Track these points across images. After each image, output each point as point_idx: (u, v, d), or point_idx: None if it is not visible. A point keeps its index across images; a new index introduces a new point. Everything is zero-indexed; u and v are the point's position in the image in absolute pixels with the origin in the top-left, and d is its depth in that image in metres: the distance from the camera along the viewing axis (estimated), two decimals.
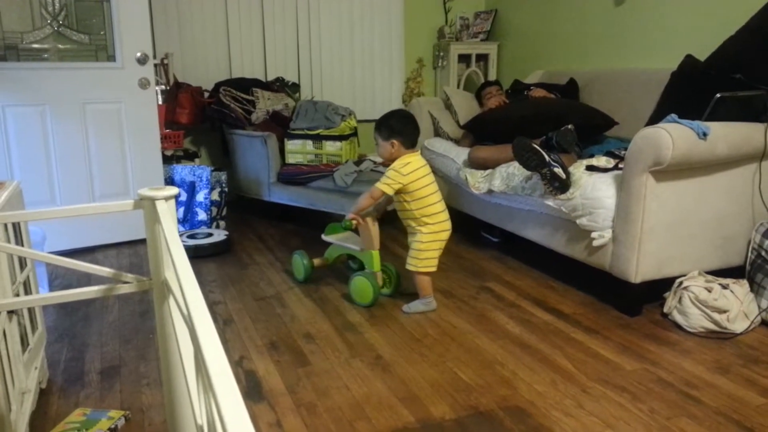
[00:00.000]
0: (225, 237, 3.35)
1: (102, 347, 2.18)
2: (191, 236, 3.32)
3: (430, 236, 2.48)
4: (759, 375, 1.92)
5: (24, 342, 1.71)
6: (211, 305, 2.52)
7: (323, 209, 3.57)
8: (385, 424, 1.68)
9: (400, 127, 2.49)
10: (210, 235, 3.37)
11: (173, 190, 1.11)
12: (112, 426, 1.65)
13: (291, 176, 3.63)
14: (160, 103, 3.76)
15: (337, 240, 2.75)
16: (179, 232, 3.25)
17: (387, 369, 1.99)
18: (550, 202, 2.64)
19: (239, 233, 3.66)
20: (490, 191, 3.08)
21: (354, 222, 2.55)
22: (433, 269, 2.50)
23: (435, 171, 3.79)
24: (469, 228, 3.56)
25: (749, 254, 2.44)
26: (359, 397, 1.82)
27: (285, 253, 3.26)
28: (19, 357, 1.62)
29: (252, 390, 1.85)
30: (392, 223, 3.67)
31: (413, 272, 2.50)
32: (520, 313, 2.43)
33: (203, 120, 3.99)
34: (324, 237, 2.80)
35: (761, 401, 1.77)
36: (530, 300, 2.58)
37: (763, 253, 2.34)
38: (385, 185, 2.45)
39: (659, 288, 2.40)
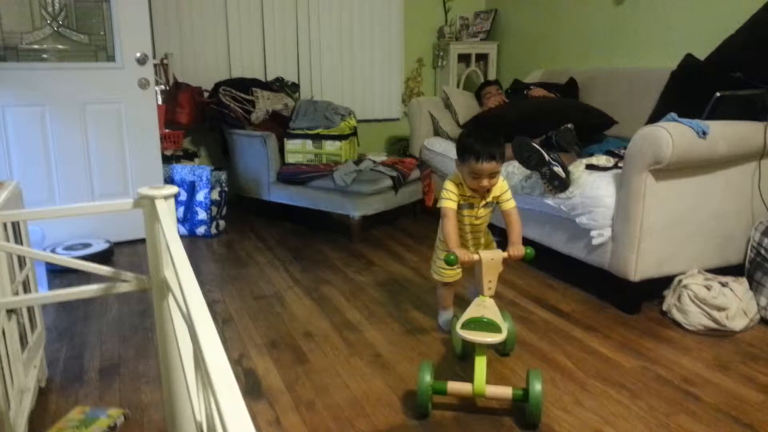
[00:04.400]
0: (106, 247, 3.16)
1: (101, 346, 2.18)
2: (68, 248, 3.11)
3: None
4: (758, 372, 1.92)
5: (23, 341, 1.71)
6: (210, 304, 2.52)
7: (323, 209, 3.57)
8: (384, 422, 1.68)
9: None
10: (88, 245, 3.17)
11: (173, 189, 1.11)
12: (112, 424, 1.65)
13: (290, 176, 3.63)
14: (160, 103, 3.76)
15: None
16: (53, 245, 3.11)
17: (386, 367, 1.99)
18: (549, 201, 2.64)
19: (239, 232, 3.67)
20: None
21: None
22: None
23: (435, 170, 3.80)
24: None
25: (748, 252, 2.44)
26: (358, 394, 1.82)
27: (284, 252, 3.27)
28: (18, 356, 1.62)
29: (251, 388, 1.85)
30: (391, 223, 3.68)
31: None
32: (519, 312, 2.43)
33: (203, 120, 3.99)
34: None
35: (760, 398, 1.77)
36: (530, 298, 2.58)
37: (763, 252, 2.35)
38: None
39: (658, 286, 2.40)
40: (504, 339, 1.65)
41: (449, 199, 1.98)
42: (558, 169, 2.57)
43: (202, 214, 3.55)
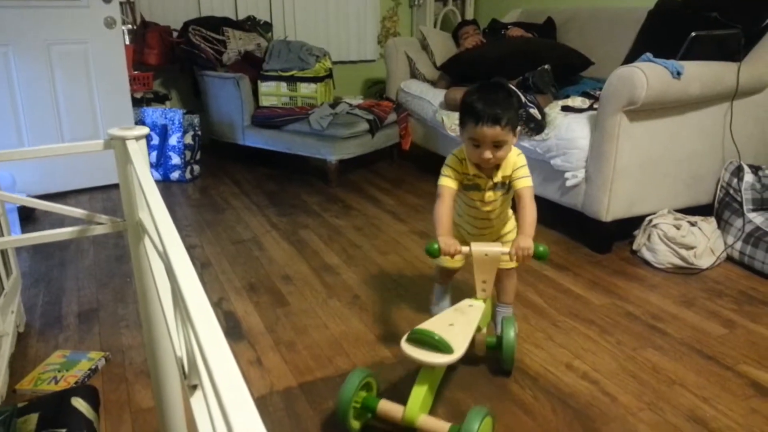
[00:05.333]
0: None
1: (79, 291, 2.18)
2: None
3: None
4: (722, 308, 2.00)
5: None
6: (188, 249, 2.52)
7: (299, 153, 3.54)
8: (363, 359, 1.73)
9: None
10: None
11: (144, 130, 1.09)
12: (93, 366, 1.67)
13: (265, 119, 3.57)
14: (127, 43, 3.63)
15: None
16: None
17: (365, 308, 2.03)
18: (525, 143, 2.65)
19: (214, 177, 3.63)
20: None
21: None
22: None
23: (411, 113, 3.77)
24: None
25: (718, 192, 2.50)
26: (337, 334, 1.86)
27: (261, 197, 3.25)
28: None
29: (232, 330, 1.88)
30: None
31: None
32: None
33: (172, 61, 3.88)
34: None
35: (723, 332, 1.85)
36: None
37: (731, 191, 2.40)
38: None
39: (629, 226, 2.45)
40: (454, 360, 1.32)
41: (446, 176, 1.62)
42: (534, 111, 2.58)
43: (175, 159, 3.49)
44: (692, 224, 2.31)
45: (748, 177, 2.36)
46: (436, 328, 1.38)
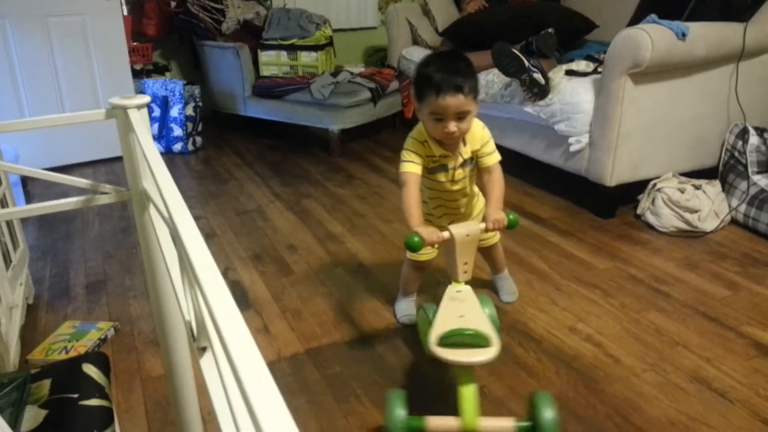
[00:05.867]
0: None
1: (86, 263, 2.19)
2: None
3: None
4: (726, 270, 2.01)
5: (6, 259, 1.71)
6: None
7: (301, 123, 3.52)
8: (369, 326, 1.75)
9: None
10: None
11: (145, 98, 1.08)
12: (102, 336, 1.69)
13: (266, 89, 3.54)
14: (125, 14, 3.59)
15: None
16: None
17: (369, 276, 2.04)
18: (528, 109, 2.63)
19: (216, 148, 3.62)
20: None
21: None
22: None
23: (413, 81, 3.73)
24: None
25: (722, 155, 2.49)
26: (343, 302, 1.88)
27: (264, 168, 3.24)
28: (3, 273, 1.63)
29: (238, 299, 1.90)
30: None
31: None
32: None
33: (171, 31, 3.84)
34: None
35: (726, 294, 1.86)
36: (508, 206, 2.59)
37: (736, 154, 2.39)
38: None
39: (633, 190, 2.45)
40: (497, 353, 1.22)
41: (409, 161, 1.50)
42: (538, 76, 2.55)
43: (177, 131, 3.48)
44: (696, 187, 2.30)
45: (753, 139, 2.34)
46: (456, 323, 1.28)
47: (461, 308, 1.35)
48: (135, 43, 3.64)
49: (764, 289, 1.89)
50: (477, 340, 1.24)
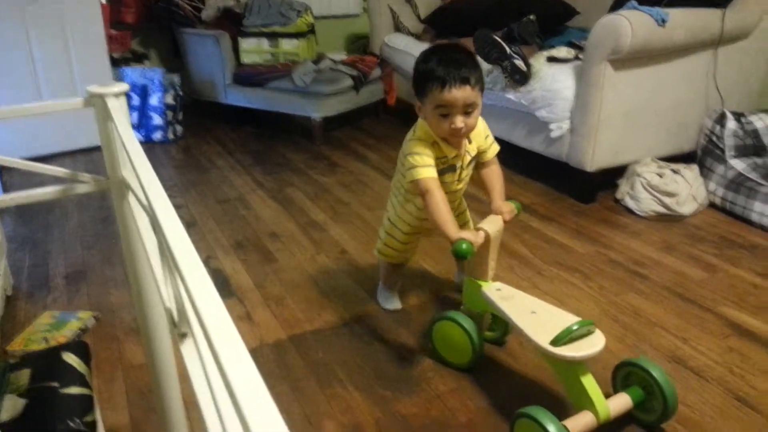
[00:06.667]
0: None
1: (65, 253, 2.17)
2: None
3: None
4: (703, 252, 2.05)
5: None
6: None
7: (283, 111, 3.50)
8: (353, 311, 1.75)
9: None
10: None
11: (123, 86, 1.07)
12: (83, 326, 1.68)
13: (247, 77, 3.51)
14: (104, 2, 3.53)
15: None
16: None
17: (353, 263, 2.05)
18: (510, 96, 2.64)
19: (197, 137, 3.59)
20: None
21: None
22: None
23: (395, 68, 3.73)
24: None
25: (701, 140, 2.52)
26: (326, 289, 1.88)
27: (246, 156, 3.22)
28: None
29: (220, 287, 1.89)
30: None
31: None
32: (479, 206, 2.48)
33: (150, 19, 3.78)
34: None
35: (703, 276, 1.90)
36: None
37: (714, 138, 2.42)
38: None
39: (613, 175, 2.47)
40: (601, 335, 1.25)
41: (425, 165, 1.38)
42: (519, 63, 2.56)
43: (157, 119, 3.44)
44: (675, 172, 2.33)
45: (731, 124, 2.38)
46: (536, 323, 1.28)
47: (525, 303, 1.36)
48: (113, 31, 3.58)
49: (740, 270, 1.92)
50: (584, 328, 1.24)
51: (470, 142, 1.47)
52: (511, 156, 2.84)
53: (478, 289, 1.44)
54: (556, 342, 1.22)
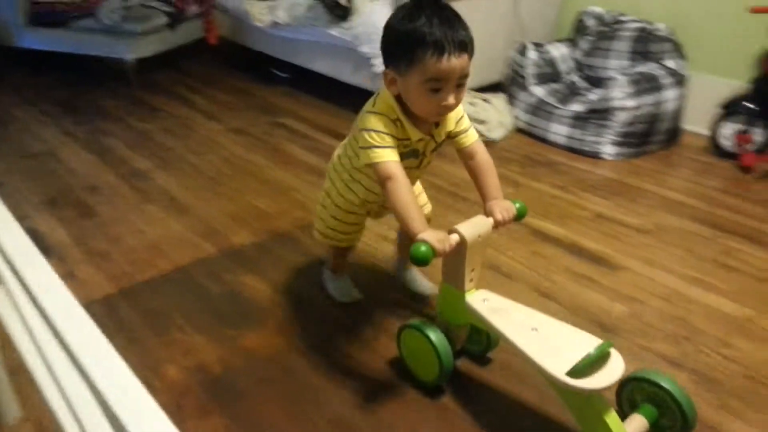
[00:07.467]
0: None
1: None
2: None
3: None
4: (511, 171, 2.28)
5: None
6: None
7: (91, 53, 3.19)
8: (187, 258, 1.72)
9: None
10: None
11: None
12: None
13: (45, 16, 3.13)
14: None
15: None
16: None
17: (183, 210, 1.99)
18: (334, 32, 2.65)
19: None
20: (275, 23, 2.99)
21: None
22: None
23: (215, 5, 3.55)
24: (258, 65, 3.46)
25: (507, 71, 2.74)
26: (156, 238, 1.82)
27: (51, 106, 2.92)
28: None
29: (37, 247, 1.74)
30: None
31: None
32: (313, 144, 2.52)
33: None
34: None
35: (510, 191, 2.12)
36: (322, 131, 2.67)
37: (517, 68, 2.65)
38: None
39: None
40: (619, 356, 1.04)
41: (386, 146, 1.14)
42: None
43: None
44: (485, 101, 2.53)
45: (531, 54, 2.61)
46: (541, 343, 1.07)
47: (520, 320, 1.14)
48: None
49: (542, 185, 2.18)
50: (603, 352, 1.03)
51: (436, 126, 1.22)
52: (339, 92, 2.89)
53: (459, 298, 1.20)
54: (574, 373, 1.00)
